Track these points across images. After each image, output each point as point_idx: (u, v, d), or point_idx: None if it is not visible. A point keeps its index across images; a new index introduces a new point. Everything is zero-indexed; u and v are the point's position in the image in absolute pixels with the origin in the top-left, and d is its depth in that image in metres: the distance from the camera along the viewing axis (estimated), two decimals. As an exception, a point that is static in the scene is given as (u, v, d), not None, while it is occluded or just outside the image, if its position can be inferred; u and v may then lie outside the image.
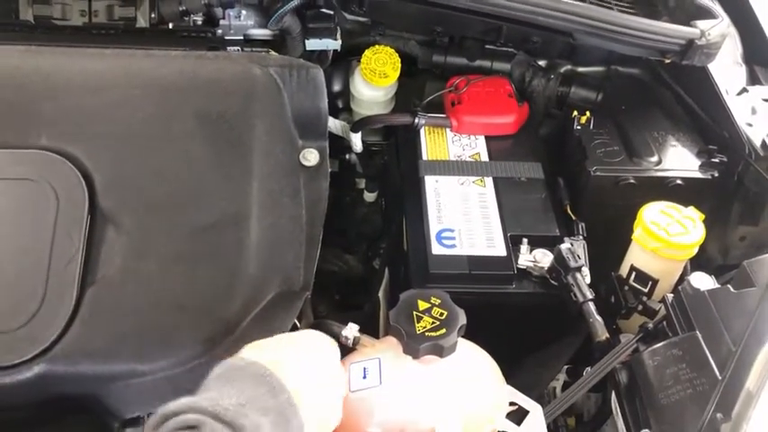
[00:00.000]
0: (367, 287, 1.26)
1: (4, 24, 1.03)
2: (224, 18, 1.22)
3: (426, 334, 0.77)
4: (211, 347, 0.74)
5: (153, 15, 1.09)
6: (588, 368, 0.85)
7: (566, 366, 0.97)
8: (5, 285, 0.74)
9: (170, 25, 1.12)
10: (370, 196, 1.29)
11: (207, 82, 0.89)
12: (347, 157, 1.32)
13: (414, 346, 0.76)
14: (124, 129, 0.84)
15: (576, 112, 1.09)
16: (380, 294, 1.08)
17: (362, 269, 1.35)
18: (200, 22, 1.19)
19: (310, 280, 0.87)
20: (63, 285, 0.74)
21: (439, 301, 0.80)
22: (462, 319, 0.78)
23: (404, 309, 0.79)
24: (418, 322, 0.78)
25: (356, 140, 1.16)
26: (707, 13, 1.07)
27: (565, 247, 0.90)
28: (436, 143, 1.11)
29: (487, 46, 1.22)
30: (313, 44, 1.21)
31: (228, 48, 1.13)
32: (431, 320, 0.78)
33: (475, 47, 1.22)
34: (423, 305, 0.79)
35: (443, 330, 0.77)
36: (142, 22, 1.09)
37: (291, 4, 1.13)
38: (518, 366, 0.93)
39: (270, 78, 0.92)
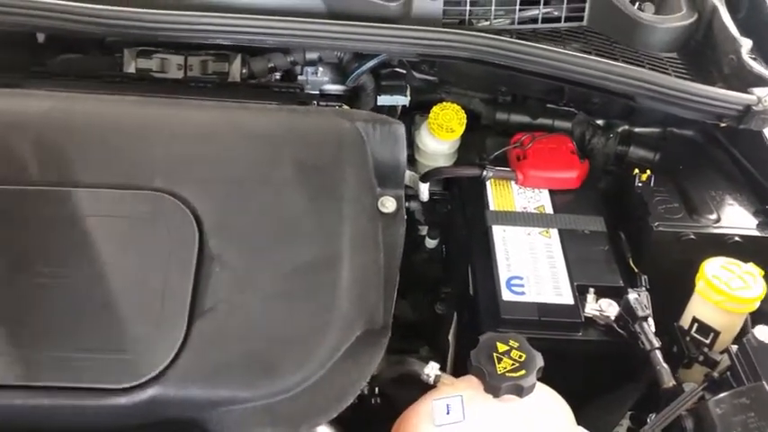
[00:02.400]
0: (419, 331, 1.32)
1: (112, 76, 1.14)
2: (302, 74, 1.31)
3: (507, 374, 0.82)
4: (307, 378, 0.80)
5: (244, 71, 1.19)
6: (652, 415, 0.89)
7: (629, 413, 1.01)
8: (123, 312, 0.81)
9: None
10: (431, 243, 1.36)
11: (302, 133, 0.97)
12: (408, 205, 1.39)
13: (495, 385, 0.81)
14: (228, 174, 0.92)
15: (637, 170, 1.15)
16: (450, 337, 1.14)
17: (413, 314, 1.40)
18: (278, 78, 1.29)
19: (389, 321, 0.93)
20: (174, 315, 0.81)
21: (517, 344, 0.85)
22: (540, 361, 0.83)
23: (484, 350, 0.85)
24: (499, 363, 0.83)
25: (424, 190, 1.23)
26: (762, 81, 1.13)
27: (633, 297, 0.95)
28: (502, 195, 1.17)
29: (549, 105, 1.30)
30: (384, 100, 1.30)
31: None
32: (510, 362, 0.83)
33: (537, 106, 1.30)
34: (502, 347, 0.85)
35: (523, 372, 0.82)
36: (235, 77, 1.18)
37: (369, 65, 1.23)
38: (582, 411, 0.96)
39: (356, 132, 1.00)
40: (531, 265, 1.05)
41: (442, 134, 1.25)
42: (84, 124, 0.96)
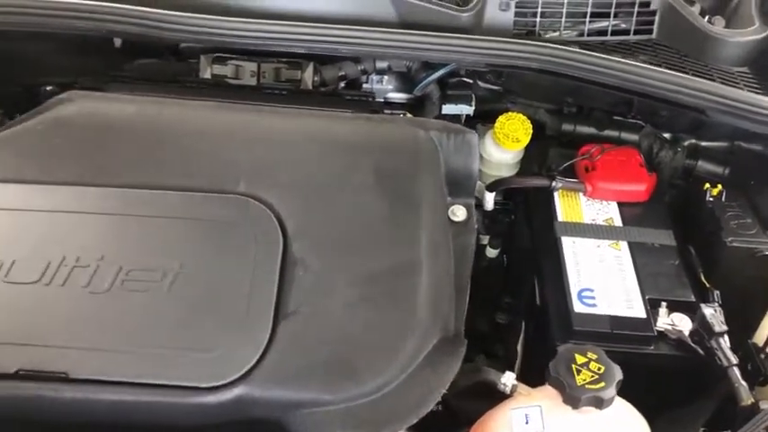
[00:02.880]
0: (474, 340, 1.32)
1: (189, 82, 1.17)
2: (366, 82, 1.33)
3: (587, 386, 0.82)
4: (388, 384, 0.81)
5: (316, 78, 1.21)
6: (727, 432, 0.89)
7: (702, 429, 1.00)
8: (210, 313, 0.83)
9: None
10: (492, 252, 1.36)
11: (380, 142, 0.99)
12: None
13: (575, 396, 0.81)
14: (310, 180, 0.93)
15: (707, 185, 1.14)
16: (519, 347, 1.14)
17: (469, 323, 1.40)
18: (342, 85, 1.31)
19: (461, 329, 0.94)
20: (259, 317, 0.83)
21: (596, 357, 0.85)
22: (619, 374, 0.83)
23: (563, 362, 0.85)
24: (578, 375, 0.83)
25: (489, 199, 1.23)
26: (837, 97, 1.12)
27: (709, 312, 0.95)
28: (570, 206, 1.17)
29: (615, 117, 1.30)
30: (449, 109, 1.31)
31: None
32: (590, 374, 0.83)
33: (604, 117, 1.30)
34: (580, 359, 0.85)
35: (603, 384, 0.82)
36: (307, 84, 1.20)
37: (438, 74, 1.24)
38: (654, 426, 0.96)
39: (431, 140, 1.01)
40: (602, 277, 1.05)
41: (507, 144, 1.25)
42: (170, 128, 0.99)
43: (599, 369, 0.84)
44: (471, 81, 1.29)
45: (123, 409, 0.80)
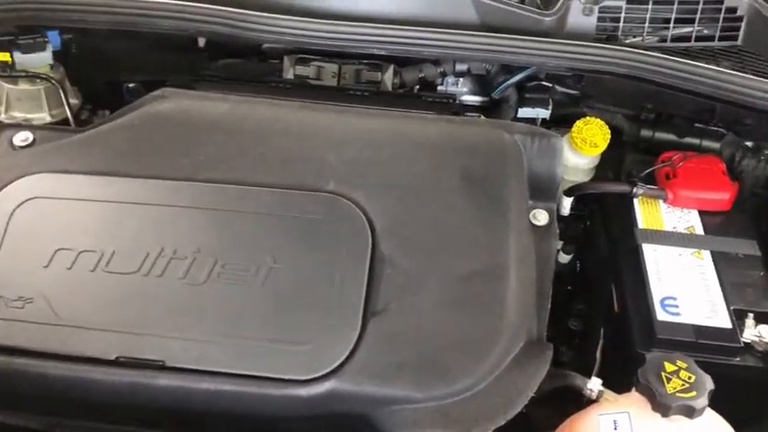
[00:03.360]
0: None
1: (274, 81, 1.19)
2: (441, 84, 1.34)
3: (677, 395, 0.81)
4: (477, 384, 0.82)
5: (395, 80, 1.23)
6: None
7: (788, 444, 0.98)
8: (301, 307, 0.85)
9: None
10: (564, 258, 1.35)
11: (466, 144, 0.99)
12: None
13: (666, 404, 0.80)
14: (398, 180, 0.95)
15: (794, 195, 1.12)
16: (598, 354, 1.13)
17: None
18: (417, 88, 1.32)
19: (544, 333, 0.94)
20: (349, 313, 0.84)
21: (685, 365, 0.84)
22: (710, 384, 0.82)
23: (652, 369, 0.84)
24: (668, 383, 0.83)
25: (566, 204, 1.22)
26: None
27: (801, 326, 0.93)
28: (650, 213, 1.16)
29: (697, 124, 1.28)
30: (525, 112, 1.31)
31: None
32: (680, 383, 0.83)
33: (684, 124, 1.28)
34: (670, 367, 0.84)
35: (694, 393, 0.81)
36: (387, 86, 1.22)
37: (519, 77, 1.24)
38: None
39: (516, 144, 1.01)
40: (684, 285, 1.04)
41: (584, 149, 1.25)
42: (260, 127, 1.01)
43: (689, 378, 0.83)
44: (550, 85, 1.28)
45: (217, 399, 0.83)
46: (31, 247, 0.90)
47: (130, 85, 1.40)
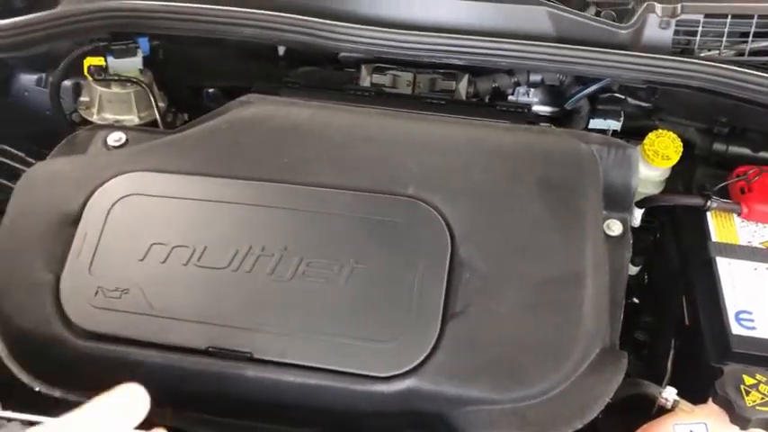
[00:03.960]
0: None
1: (352, 89, 1.23)
2: (512, 94, 1.36)
3: (757, 408, 0.81)
4: (554, 388, 0.84)
5: (470, 90, 1.25)
6: None
7: None
8: (383, 307, 0.88)
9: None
10: (632, 270, 1.35)
11: (543, 152, 1.01)
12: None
13: (744, 417, 0.81)
14: (476, 186, 0.97)
15: None
16: (669, 365, 1.13)
17: None
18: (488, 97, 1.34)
19: (617, 341, 0.95)
20: (429, 315, 0.87)
21: (765, 379, 0.84)
22: (791, 399, 0.82)
23: (730, 381, 0.85)
24: (747, 395, 0.83)
25: (638, 216, 1.23)
26: None
27: None
28: (724, 227, 1.15)
29: (772, 139, 1.27)
30: (597, 123, 1.32)
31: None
32: (759, 396, 0.83)
33: (759, 138, 1.27)
34: (749, 381, 0.85)
35: (774, 407, 0.81)
36: (461, 95, 1.24)
37: (593, 88, 1.25)
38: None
39: (592, 153, 1.03)
40: (761, 300, 1.03)
41: (656, 161, 1.25)
42: (342, 132, 1.05)
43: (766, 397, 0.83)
44: (623, 97, 1.29)
45: (301, 392, 0.86)
46: (128, 241, 0.95)
47: (210, 91, 1.46)
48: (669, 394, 0.88)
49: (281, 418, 0.89)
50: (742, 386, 0.84)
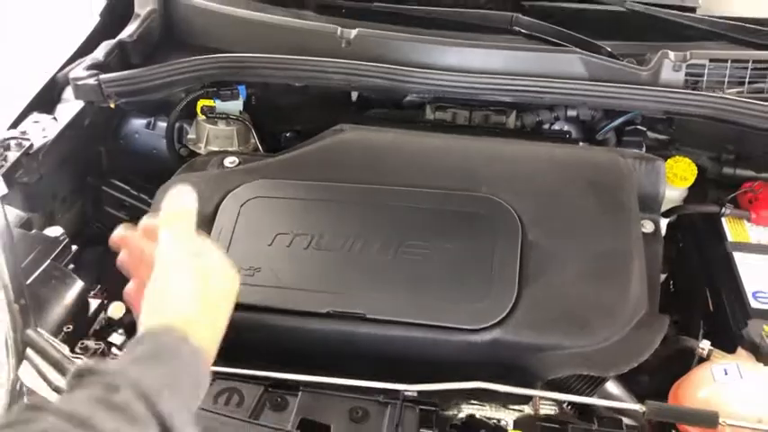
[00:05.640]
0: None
1: (417, 122, 1.49)
2: (552, 127, 1.61)
3: (777, 347, 1.02)
4: (613, 336, 1.04)
5: (517, 123, 1.50)
6: None
7: None
8: (471, 276, 1.09)
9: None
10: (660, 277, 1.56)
11: (590, 162, 1.25)
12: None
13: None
14: (537, 187, 1.20)
15: None
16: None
17: None
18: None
19: (656, 311, 1.15)
20: (507, 282, 1.08)
21: (780, 328, 1.05)
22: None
23: (755, 330, 1.06)
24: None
25: (663, 224, 1.45)
26: None
27: None
28: (737, 230, 1.38)
29: (773, 161, 1.51)
30: (622, 153, 1.56)
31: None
32: (779, 339, 1.03)
33: (761, 162, 1.51)
34: (767, 329, 1.05)
35: (792, 347, 1.02)
36: (510, 128, 1.50)
37: (619, 120, 1.51)
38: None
39: (628, 164, 1.26)
40: (772, 283, 1.25)
41: (676, 182, 1.48)
42: (422, 149, 1.29)
43: (785, 337, 1.04)
44: (644, 129, 1.54)
45: (407, 344, 1.06)
46: (257, 231, 1.17)
47: (287, 134, 1.70)
48: (705, 345, 1.09)
49: (390, 369, 1.08)
50: (763, 332, 1.04)
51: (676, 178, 1.48)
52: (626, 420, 1.03)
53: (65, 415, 0.59)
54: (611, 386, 1.10)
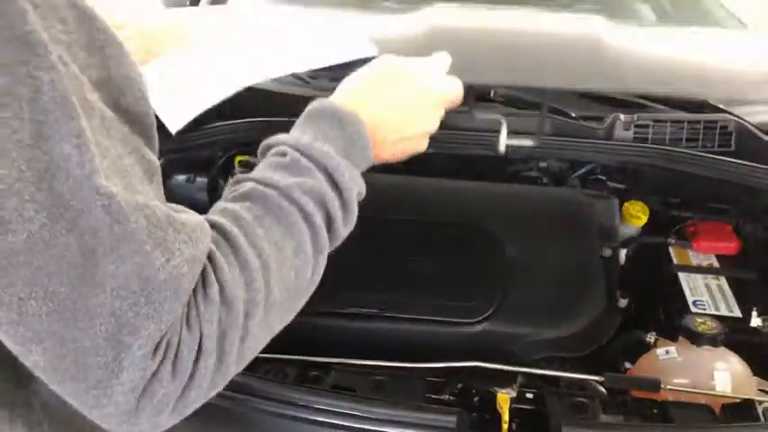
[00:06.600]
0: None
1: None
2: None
3: (706, 332, 1.30)
4: (580, 326, 1.32)
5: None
6: None
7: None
8: (465, 283, 1.38)
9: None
10: (622, 302, 1.84)
11: (558, 198, 1.59)
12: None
13: (699, 337, 1.29)
14: (516, 216, 1.52)
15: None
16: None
17: None
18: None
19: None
20: (494, 287, 1.37)
21: (704, 320, 1.34)
22: (722, 328, 1.31)
23: (690, 322, 1.34)
24: (699, 327, 1.32)
25: (622, 254, 1.74)
26: None
27: None
28: (682, 256, 1.69)
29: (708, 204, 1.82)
30: (587, 199, 1.88)
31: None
32: (706, 327, 1.32)
33: (698, 205, 1.82)
34: (698, 320, 1.34)
35: (715, 331, 1.30)
36: (494, 175, 1.82)
37: (583, 170, 1.82)
38: None
39: (589, 201, 1.58)
40: (708, 295, 1.54)
41: (632, 221, 1.79)
42: (423, 188, 1.60)
43: (711, 328, 1.32)
44: (604, 178, 1.86)
45: (415, 336, 1.34)
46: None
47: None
48: (651, 335, 1.37)
49: (403, 356, 1.34)
50: (695, 323, 1.32)
51: (632, 218, 1.79)
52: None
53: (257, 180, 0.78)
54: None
